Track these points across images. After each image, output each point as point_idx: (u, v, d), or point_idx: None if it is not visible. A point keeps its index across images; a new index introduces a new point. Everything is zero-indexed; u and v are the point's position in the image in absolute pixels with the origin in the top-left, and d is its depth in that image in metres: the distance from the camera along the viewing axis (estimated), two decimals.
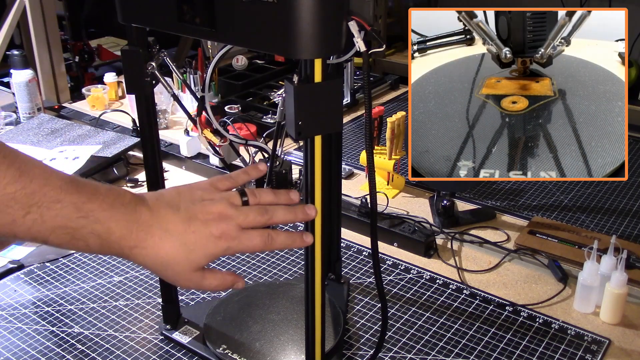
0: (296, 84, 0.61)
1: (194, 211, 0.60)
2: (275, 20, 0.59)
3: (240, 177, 0.67)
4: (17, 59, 1.58)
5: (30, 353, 0.89)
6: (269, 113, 1.61)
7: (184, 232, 0.58)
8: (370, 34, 0.61)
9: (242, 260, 1.11)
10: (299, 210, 0.65)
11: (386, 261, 1.11)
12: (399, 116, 1.26)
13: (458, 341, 0.92)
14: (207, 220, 0.59)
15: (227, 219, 0.60)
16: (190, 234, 0.58)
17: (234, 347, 0.87)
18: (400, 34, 2.64)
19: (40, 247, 1.14)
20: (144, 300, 1.01)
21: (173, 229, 0.58)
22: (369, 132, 0.66)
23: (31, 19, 1.65)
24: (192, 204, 0.61)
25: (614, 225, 1.22)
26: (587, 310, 0.98)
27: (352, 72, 1.81)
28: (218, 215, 0.60)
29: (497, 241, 1.15)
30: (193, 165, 1.43)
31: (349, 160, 1.48)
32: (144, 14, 0.73)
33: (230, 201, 0.62)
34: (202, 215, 0.60)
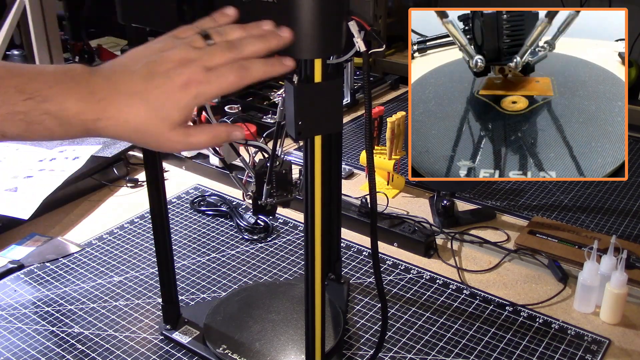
0: (296, 84, 0.61)
1: (153, 65, 0.54)
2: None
3: (204, 23, 0.59)
4: (17, 59, 1.58)
5: (30, 353, 0.89)
6: (269, 113, 1.61)
7: (145, 90, 0.53)
8: (370, 34, 0.61)
9: (242, 261, 1.11)
10: (271, 36, 0.57)
11: (386, 261, 1.11)
12: (399, 116, 1.26)
13: (458, 341, 0.92)
14: (168, 70, 0.54)
15: (190, 62, 0.54)
16: (153, 90, 0.53)
17: (234, 347, 0.87)
18: (400, 34, 2.64)
19: (41, 247, 1.14)
20: (144, 300, 1.01)
21: (133, 89, 0.53)
22: (369, 132, 0.66)
23: (31, 19, 1.64)
24: (150, 58, 0.55)
25: (614, 225, 1.22)
26: (587, 310, 0.98)
27: (352, 72, 1.81)
28: (179, 61, 0.54)
29: (497, 241, 1.15)
30: (193, 165, 1.43)
31: (349, 160, 1.48)
32: (144, 14, 0.73)
33: (192, 45, 0.55)
34: (163, 67, 0.54)
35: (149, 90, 0.53)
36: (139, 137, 0.54)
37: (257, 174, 0.90)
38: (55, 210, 1.27)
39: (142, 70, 0.54)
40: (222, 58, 0.55)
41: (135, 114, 0.53)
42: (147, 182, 0.86)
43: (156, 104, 0.53)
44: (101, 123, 0.53)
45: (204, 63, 0.54)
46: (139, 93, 0.53)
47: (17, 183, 1.26)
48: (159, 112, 0.53)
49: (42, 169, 1.32)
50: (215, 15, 0.60)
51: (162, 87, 0.53)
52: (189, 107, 0.54)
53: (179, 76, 0.53)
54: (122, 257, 1.12)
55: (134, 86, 0.53)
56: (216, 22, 0.60)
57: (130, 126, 0.53)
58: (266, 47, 0.57)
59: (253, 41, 0.57)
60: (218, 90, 0.55)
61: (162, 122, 0.54)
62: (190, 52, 0.55)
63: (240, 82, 0.56)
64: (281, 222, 1.23)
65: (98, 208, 1.29)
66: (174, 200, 1.31)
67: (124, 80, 0.53)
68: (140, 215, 1.25)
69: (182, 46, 0.55)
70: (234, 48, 0.56)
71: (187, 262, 1.11)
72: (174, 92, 0.53)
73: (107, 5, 2.03)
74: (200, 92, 0.54)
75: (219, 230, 1.21)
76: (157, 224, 0.88)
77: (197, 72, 0.54)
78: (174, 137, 0.55)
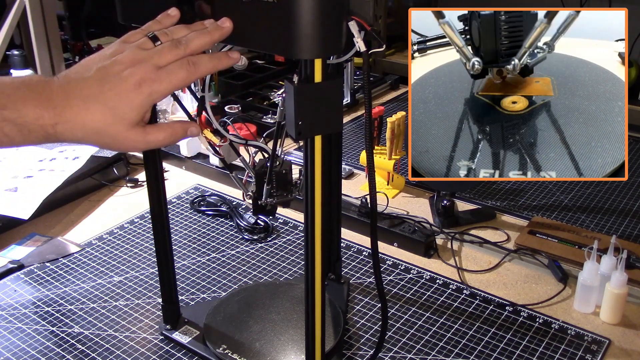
0: (296, 84, 0.61)
1: (105, 69, 0.56)
2: (275, 20, 0.59)
3: (151, 26, 0.62)
4: (17, 59, 1.58)
5: (30, 353, 0.89)
6: (269, 113, 1.61)
7: (100, 93, 0.55)
8: (370, 34, 0.61)
9: (242, 261, 1.11)
10: (213, 29, 0.61)
11: (386, 261, 1.11)
12: (399, 116, 1.26)
13: (458, 341, 0.92)
14: (120, 72, 0.56)
15: (141, 62, 0.57)
16: (107, 92, 0.55)
17: (234, 347, 0.87)
18: (400, 34, 2.64)
19: (41, 247, 1.14)
20: (144, 300, 1.01)
21: (88, 93, 0.55)
22: (369, 132, 0.66)
23: (31, 19, 1.64)
24: (102, 63, 0.57)
25: (614, 225, 1.22)
26: (587, 310, 0.98)
27: (352, 72, 1.81)
28: (130, 62, 0.57)
29: (497, 241, 1.15)
30: (193, 165, 1.43)
31: (349, 160, 1.48)
32: (144, 14, 0.73)
33: (141, 47, 0.58)
34: (115, 69, 0.56)
35: (104, 93, 0.55)
36: (98, 139, 0.57)
37: (257, 174, 0.90)
38: (55, 210, 1.27)
39: (95, 75, 0.56)
40: (170, 55, 0.58)
41: (91, 116, 0.55)
42: (147, 182, 0.86)
43: (111, 104, 0.55)
44: (59, 127, 0.55)
45: (154, 62, 0.57)
46: (93, 96, 0.55)
47: (17, 183, 1.26)
48: (115, 113, 0.56)
49: (42, 169, 1.32)
50: (160, 18, 0.63)
51: (115, 89, 0.56)
52: (143, 106, 0.57)
53: (131, 76, 0.56)
54: (122, 257, 1.12)
55: (89, 90, 0.55)
56: (162, 24, 0.63)
57: (88, 129, 0.56)
58: (209, 39, 0.60)
59: (197, 35, 0.60)
60: (170, 87, 0.57)
61: (118, 122, 0.56)
62: (140, 53, 0.57)
63: (190, 77, 0.58)
64: (281, 222, 1.23)
65: (98, 208, 1.29)
66: (174, 200, 1.31)
67: (78, 85, 0.56)
68: (140, 215, 1.25)
69: (131, 49, 0.58)
70: (180, 45, 0.58)
71: (187, 262, 1.11)
72: (127, 92, 0.56)
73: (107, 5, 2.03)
74: (153, 90, 0.57)
75: (219, 230, 1.21)
76: (157, 224, 0.88)
77: (148, 71, 0.56)
78: (132, 136, 0.57)
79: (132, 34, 0.61)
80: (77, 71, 0.57)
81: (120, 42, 0.60)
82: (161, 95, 0.57)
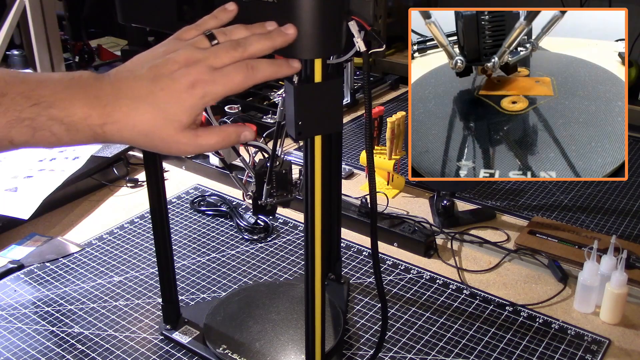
0: (296, 84, 0.61)
1: (157, 68, 0.54)
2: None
3: (207, 22, 0.59)
4: (17, 59, 1.58)
5: (30, 353, 0.89)
6: (269, 113, 1.61)
7: (151, 93, 0.53)
8: (370, 34, 0.61)
9: (242, 261, 1.11)
10: (276, 34, 0.57)
11: (386, 261, 1.11)
12: (399, 116, 1.26)
13: (458, 341, 0.92)
14: (173, 72, 0.53)
15: (196, 62, 0.54)
16: (159, 92, 0.53)
17: (234, 347, 0.87)
18: (400, 34, 2.64)
19: (41, 247, 1.14)
20: (144, 300, 1.01)
21: (139, 93, 0.53)
22: (369, 132, 0.66)
23: (31, 19, 1.64)
24: (154, 62, 0.54)
25: (614, 225, 1.22)
26: (587, 310, 0.98)
27: (352, 72, 1.81)
28: (185, 62, 0.54)
29: (497, 241, 1.15)
30: (193, 165, 1.43)
31: (349, 160, 1.48)
32: (144, 14, 0.73)
33: (197, 46, 0.55)
34: (168, 69, 0.53)
35: (155, 93, 0.53)
36: (148, 141, 0.54)
37: (257, 174, 0.90)
38: (55, 210, 1.27)
39: (147, 74, 0.53)
40: (227, 57, 0.54)
41: (141, 117, 0.53)
42: (147, 182, 0.86)
43: (162, 106, 0.53)
44: (108, 127, 0.52)
45: (209, 63, 0.54)
46: (144, 96, 0.53)
47: (17, 183, 1.26)
48: (166, 114, 0.53)
49: (42, 169, 1.32)
50: (217, 13, 0.59)
51: (167, 89, 0.53)
52: (196, 108, 0.54)
53: (184, 77, 0.53)
54: (122, 257, 1.12)
55: (140, 90, 0.53)
56: (218, 19, 0.59)
57: (137, 130, 0.53)
58: (271, 44, 0.56)
59: (258, 39, 0.56)
60: (225, 90, 0.54)
61: (169, 124, 0.53)
62: (195, 52, 0.54)
63: (247, 82, 0.55)
64: (281, 222, 1.23)
65: (98, 208, 1.29)
66: (174, 200, 1.31)
67: (129, 84, 0.53)
68: (140, 215, 1.25)
69: (186, 47, 0.55)
70: (239, 46, 0.55)
71: (187, 262, 1.11)
72: (180, 93, 0.53)
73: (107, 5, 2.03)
74: (207, 92, 0.53)
75: (219, 230, 1.21)
76: (157, 224, 0.88)
77: (203, 72, 0.53)
78: (183, 139, 0.54)
79: (187, 30, 0.58)
80: (128, 69, 0.55)
81: (174, 39, 0.57)
82: (215, 98, 0.54)
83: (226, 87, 0.54)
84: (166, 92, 0.53)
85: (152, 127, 0.53)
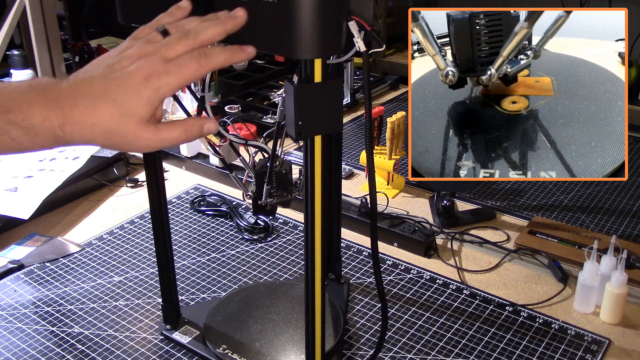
0: (296, 84, 0.61)
1: (112, 66, 0.54)
2: (275, 20, 0.59)
3: (162, 19, 0.59)
4: (17, 59, 1.58)
5: (30, 353, 0.89)
6: (269, 113, 1.61)
7: (108, 90, 0.53)
8: (370, 34, 0.61)
9: (242, 261, 1.11)
10: (226, 19, 0.57)
11: (386, 261, 1.11)
12: (399, 116, 1.26)
13: (458, 341, 0.92)
14: (127, 67, 0.53)
15: (148, 55, 0.54)
16: (115, 89, 0.53)
17: (234, 347, 0.87)
18: (400, 34, 2.64)
19: (41, 247, 1.14)
20: (144, 300, 1.01)
21: (96, 92, 0.53)
22: (369, 132, 0.66)
23: (31, 19, 1.64)
24: (109, 61, 0.55)
25: (614, 225, 1.22)
26: (587, 310, 0.98)
27: (352, 72, 1.81)
28: (137, 56, 0.54)
29: (497, 241, 1.15)
30: (193, 165, 1.43)
31: (349, 160, 1.48)
32: (144, 14, 0.73)
33: (150, 41, 0.56)
34: (122, 65, 0.54)
35: (111, 90, 0.53)
36: (109, 139, 0.54)
37: (257, 174, 0.90)
38: (55, 210, 1.27)
39: (102, 73, 0.54)
40: (179, 47, 0.54)
41: (100, 115, 0.53)
42: (147, 182, 0.86)
43: (119, 101, 0.53)
44: (67, 128, 0.53)
45: (162, 54, 0.54)
46: (101, 94, 0.53)
47: (17, 183, 1.26)
48: (124, 109, 0.53)
49: (42, 169, 1.32)
50: (171, 10, 0.60)
51: (123, 84, 0.53)
52: (153, 101, 0.54)
53: (138, 71, 0.53)
54: (122, 257, 1.12)
55: (97, 89, 0.53)
56: (173, 16, 0.60)
57: (97, 129, 0.53)
58: (222, 29, 0.57)
59: (208, 26, 0.56)
60: (180, 80, 0.54)
61: (128, 119, 0.53)
62: (147, 46, 0.55)
63: (201, 70, 0.55)
64: (281, 222, 1.23)
65: (98, 208, 1.29)
66: (174, 200, 1.31)
67: (86, 85, 0.53)
68: (140, 215, 1.25)
69: (140, 43, 0.56)
70: (190, 35, 0.55)
71: (187, 262, 1.11)
72: (135, 87, 0.53)
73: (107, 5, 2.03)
74: (162, 83, 0.53)
75: (219, 230, 1.21)
76: (157, 224, 0.88)
77: (156, 64, 0.53)
78: (144, 134, 0.54)
79: (142, 29, 0.59)
80: (85, 71, 0.55)
81: (130, 39, 0.58)
82: (171, 89, 0.54)
83: (180, 76, 0.54)
84: (122, 88, 0.53)
85: (112, 124, 0.53)
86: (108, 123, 0.53)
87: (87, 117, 0.53)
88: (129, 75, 0.53)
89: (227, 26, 0.57)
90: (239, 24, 0.58)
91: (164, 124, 0.55)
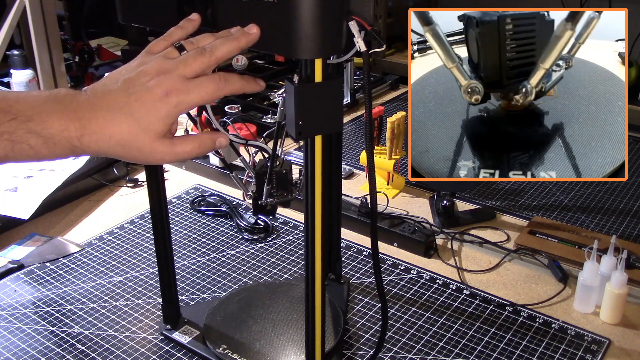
0: (296, 84, 0.61)
1: (132, 80, 0.56)
2: (275, 20, 0.59)
3: (175, 33, 0.61)
4: (17, 59, 1.58)
5: (30, 353, 0.89)
6: (269, 113, 1.61)
7: (126, 104, 0.55)
8: (371, 34, 0.61)
9: (242, 261, 1.11)
10: (240, 35, 0.60)
11: (386, 261, 1.11)
12: (399, 116, 1.26)
13: (458, 341, 0.92)
14: (146, 83, 0.56)
15: (167, 72, 0.56)
16: (133, 103, 0.55)
17: (234, 347, 0.87)
18: (400, 34, 2.64)
19: (41, 247, 1.14)
20: (144, 300, 1.01)
21: (115, 105, 0.55)
22: (369, 132, 0.66)
23: (31, 19, 1.64)
24: (128, 75, 0.57)
25: (614, 225, 1.22)
26: (587, 310, 0.98)
27: (352, 72, 1.81)
28: (156, 72, 0.56)
29: (497, 241, 1.15)
30: (193, 165, 1.43)
31: (349, 160, 1.48)
32: (144, 14, 0.73)
33: (167, 56, 0.58)
34: (141, 80, 0.56)
35: (130, 104, 0.55)
36: (125, 151, 0.56)
37: (257, 174, 0.90)
38: (55, 210, 1.27)
39: (121, 87, 0.56)
40: (196, 64, 0.57)
41: (118, 127, 0.55)
42: (147, 182, 0.86)
43: (137, 115, 0.55)
44: (85, 139, 0.54)
45: (180, 72, 0.56)
46: (120, 107, 0.55)
47: (17, 183, 1.26)
48: (141, 124, 0.55)
49: (42, 169, 1.32)
50: (182, 24, 0.62)
51: (142, 99, 0.55)
52: (170, 117, 0.56)
53: (158, 87, 0.55)
54: (122, 257, 1.12)
55: (115, 102, 0.55)
56: (184, 29, 0.62)
57: (114, 140, 0.55)
58: (236, 45, 0.59)
59: (223, 42, 0.59)
60: (198, 99, 0.57)
61: (145, 134, 0.55)
62: (166, 62, 0.57)
63: (219, 93, 0.58)
64: (281, 222, 1.23)
65: (98, 208, 1.29)
66: (174, 200, 1.31)
67: (105, 97, 0.55)
68: (140, 215, 1.25)
69: (157, 59, 0.57)
70: (205, 52, 0.58)
71: (187, 262, 1.11)
72: (154, 103, 0.55)
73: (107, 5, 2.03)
74: (180, 101, 0.56)
75: (219, 230, 1.21)
76: (157, 224, 0.88)
77: (175, 81, 0.56)
78: (159, 148, 0.56)
79: (155, 43, 0.61)
80: (104, 84, 0.57)
81: (145, 53, 0.60)
82: (188, 106, 0.56)
83: (199, 95, 0.57)
84: (141, 102, 0.55)
85: (129, 137, 0.55)
86: (125, 136, 0.55)
87: (105, 129, 0.54)
88: (148, 91, 0.55)
89: (241, 43, 0.60)
90: (252, 40, 0.60)
91: (179, 138, 0.58)
